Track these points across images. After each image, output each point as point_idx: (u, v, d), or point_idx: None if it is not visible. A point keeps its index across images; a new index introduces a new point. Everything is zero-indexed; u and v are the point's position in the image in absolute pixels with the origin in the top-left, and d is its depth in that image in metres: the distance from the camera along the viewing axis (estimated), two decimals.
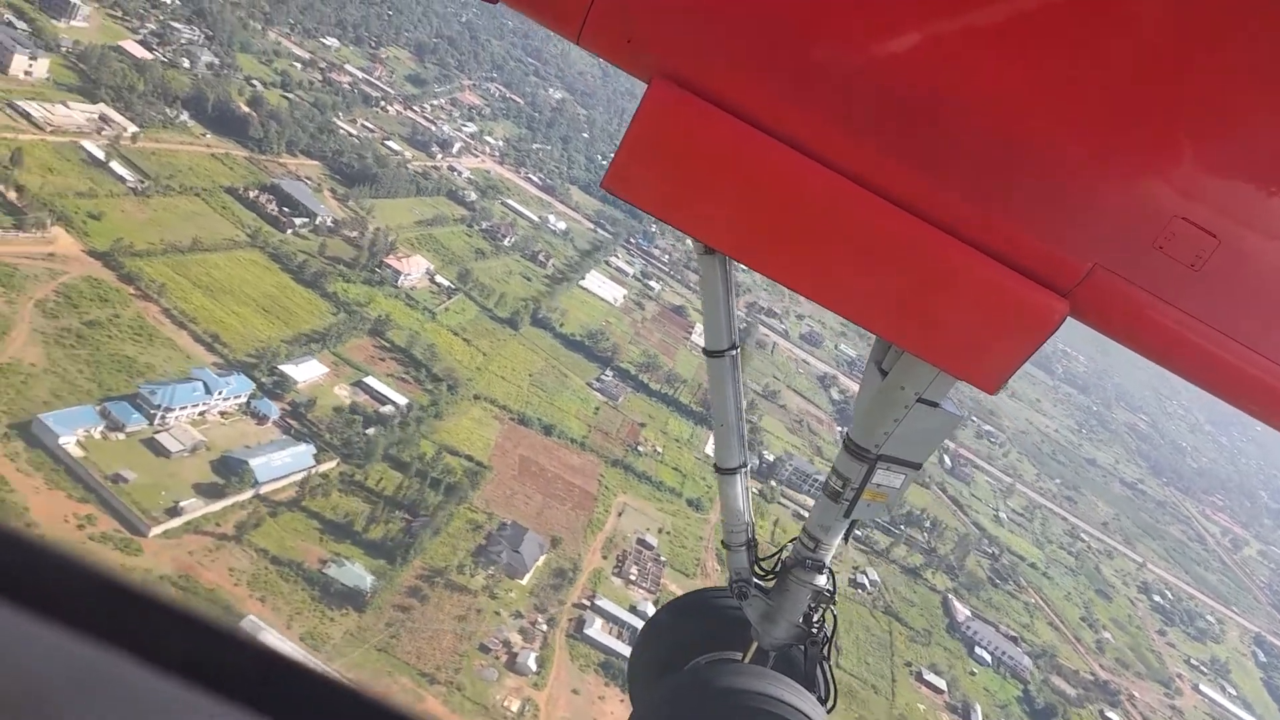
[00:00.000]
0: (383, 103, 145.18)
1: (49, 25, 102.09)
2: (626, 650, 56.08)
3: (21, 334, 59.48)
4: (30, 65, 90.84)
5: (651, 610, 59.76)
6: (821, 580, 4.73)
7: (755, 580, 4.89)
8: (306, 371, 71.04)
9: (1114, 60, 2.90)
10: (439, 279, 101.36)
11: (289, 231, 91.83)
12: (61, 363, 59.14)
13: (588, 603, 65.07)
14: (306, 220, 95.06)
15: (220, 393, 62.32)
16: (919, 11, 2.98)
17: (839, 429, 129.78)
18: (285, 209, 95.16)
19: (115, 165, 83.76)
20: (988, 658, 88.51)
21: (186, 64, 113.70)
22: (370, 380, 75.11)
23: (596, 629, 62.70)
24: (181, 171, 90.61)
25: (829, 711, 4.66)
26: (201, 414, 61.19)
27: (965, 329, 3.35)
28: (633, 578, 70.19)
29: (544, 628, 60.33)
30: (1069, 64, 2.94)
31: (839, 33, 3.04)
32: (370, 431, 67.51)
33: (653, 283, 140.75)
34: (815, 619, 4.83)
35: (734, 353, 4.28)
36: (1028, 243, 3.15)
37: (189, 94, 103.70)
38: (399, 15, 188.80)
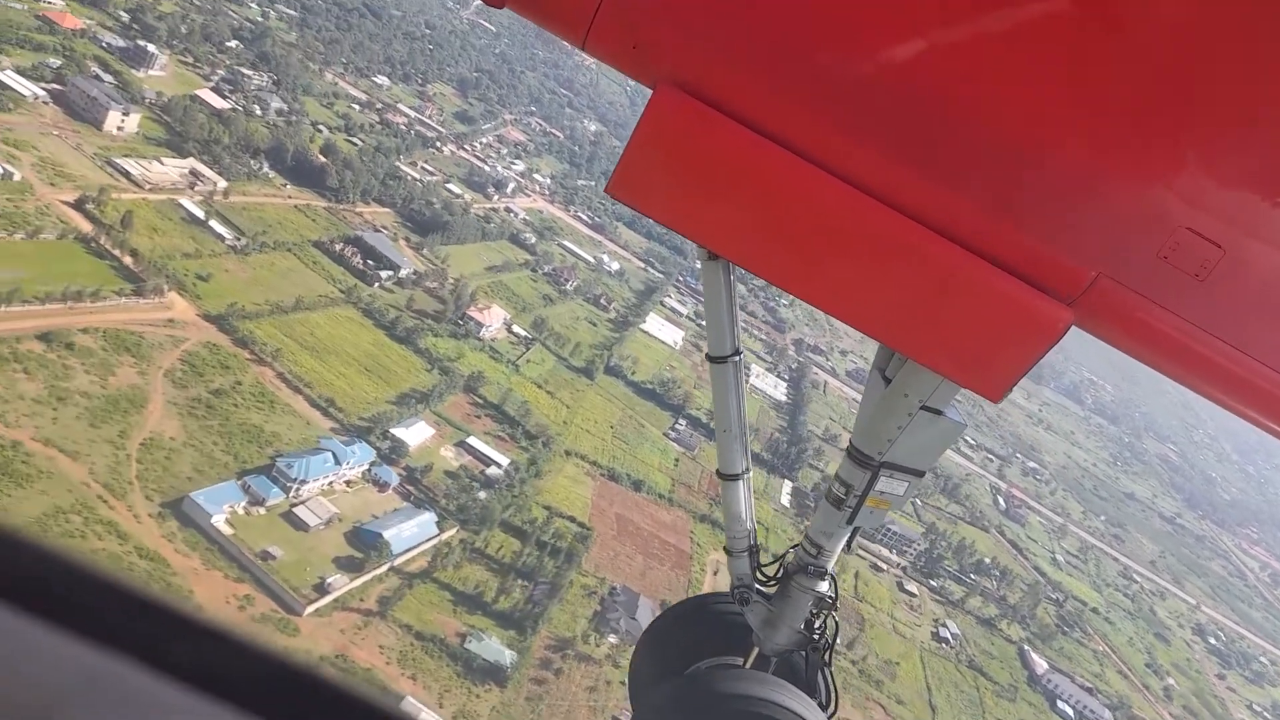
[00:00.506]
0: (437, 143, 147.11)
1: (132, 76, 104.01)
2: None
3: (157, 406, 60.55)
4: (123, 121, 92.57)
5: None
6: (824, 586, 4.68)
7: (757, 586, 4.85)
8: (416, 434, 72.03)
9: (1121, 71, 2.91)
10: (516, 328, 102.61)
11: (376, 285, 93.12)
12: (197, 435, 60.18)
13: None
14: (391, 273, 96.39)
15: (348, 463, 63.31)
16: (924, 21, 2.97)
17: None
18: (370, 261, 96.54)
19: (214, 223, 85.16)
20: (1070, 711, 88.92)
21: (259, 111, 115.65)
22: (473, 440, 76.08)
23: None
24: (272, 226, 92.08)
25: (830, 717, 4.64)
26: (330, 484, 62.17)
27: (969, 337, 3.35)
28: None
29: None
30: (1076, 74, 2.94)
31: (843, 40, 3.05)
32: (483, 496, 68.45)
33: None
34: (817, 625, 4.78)
35: (737, 359, 4.23)
36: (1033, 251, 3.16)
37: (268, 145, 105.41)
38: (440, 50, 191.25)
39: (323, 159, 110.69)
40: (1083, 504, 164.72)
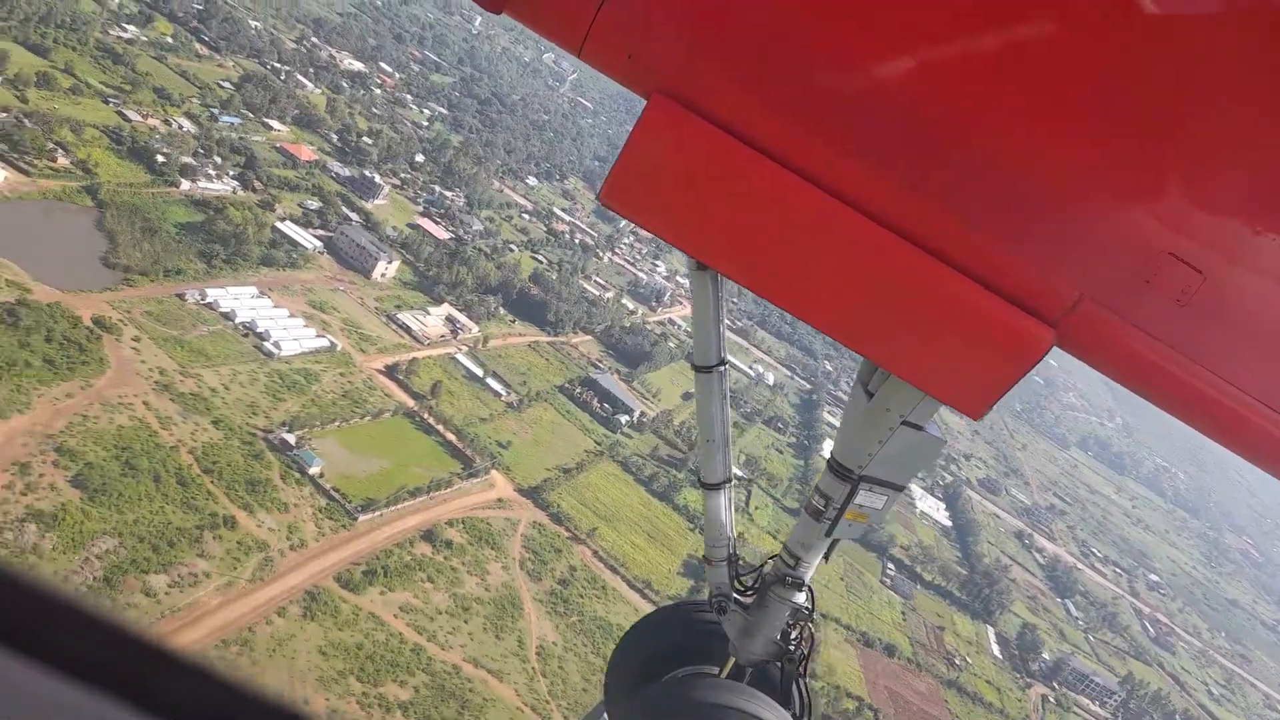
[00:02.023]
0: (598, 250, 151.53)
1: (367, 209, 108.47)
2: None
3: (529, 606, 63.72)
4: (386, 269, 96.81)
5: None
6: (801, 598, 4.70)
7: (735, 596, 4.87)
8: None
9: (1108, 93, 2.94)
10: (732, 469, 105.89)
11: (619, 432, 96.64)
12: (569, 636, 63.21)
13: None
14: (627, 416, 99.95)
15: None
16: (915, 42, 3.02)
17: (1059, 600, 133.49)
18: (605, 404, 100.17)
19: (490, 380, 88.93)
20: None
21: (464, 234, 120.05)
22: None
23: None
24: (524, 373, 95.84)
25: None
26: None
27: (952, 354, 3.38)
28: None
29: None
30: (1065, 97, 2.98)
31: (835, 56, 3.09)
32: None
33: None
34: (793, 636, 4.80)
35: (721, 369, 4.28)
36: (1017, 271, 3.19)
37: (497, 282, 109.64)
38: (560, 139, 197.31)
39: (537, 290, 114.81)
40: (1204, 619, 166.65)
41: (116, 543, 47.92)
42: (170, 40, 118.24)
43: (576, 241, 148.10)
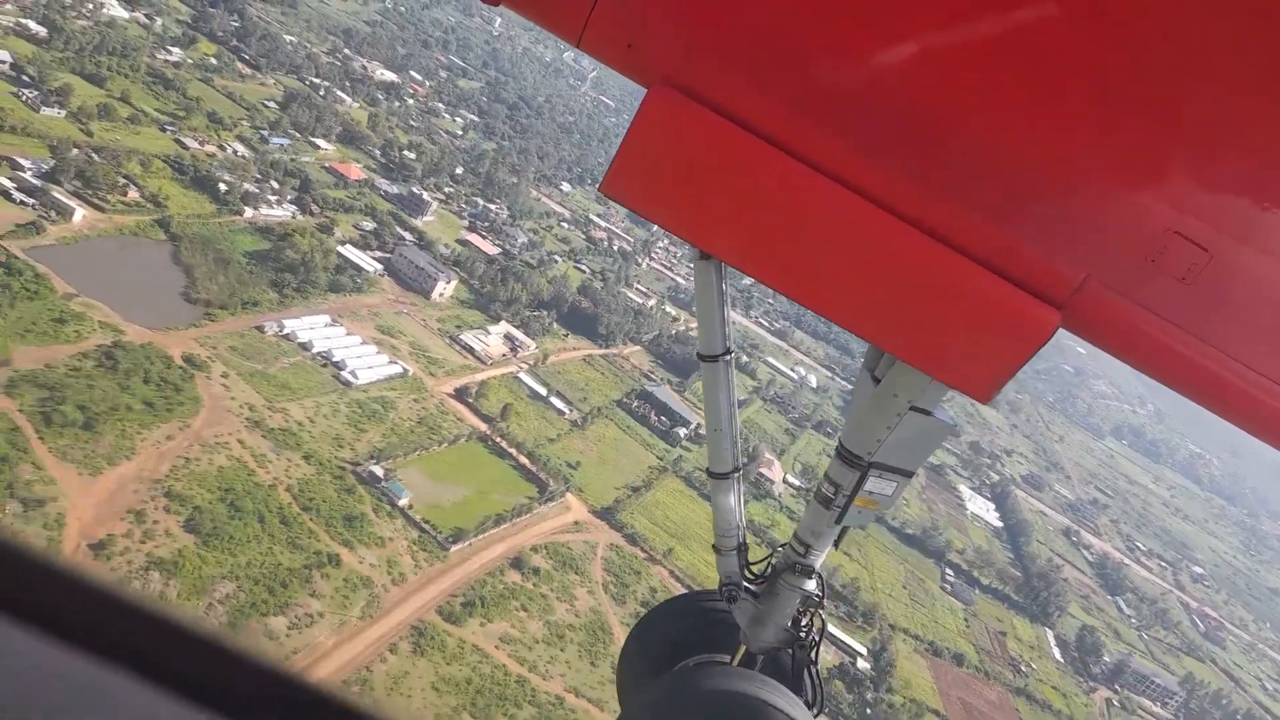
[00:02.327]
0: (636, 258, 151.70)
1: (418, 227, 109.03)
2: None
3: (618, 631, 64.30)
4: (444, 289, 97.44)
5: None
6: (811, 585, 4.71)
7: (745, 584, 4.88)
8: None
9: (1110, 74, 2.92)
10: (789, 478, 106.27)
11: (678, 445, 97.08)
12: None
13: None
14: (685, 429, 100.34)
15: None
16: (917, 24, 3.00)
17: (1110, 599, 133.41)
18: (663, 418, 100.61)
19: (554, 399, 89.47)
20: None
21: (511, 248, 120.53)
22: (832, 629, 79.41)
23: None
24: (582, 389, 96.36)
25: (815, 715, 4.69)
26: None
27: (958, 338, 3.37)
28: None
29: None
30: (1067, 78, 2.95)
31: (837, 42, 3.08)
32: (888, 704, 72.00)
33: None
34: (804, 623, 4.82)
35: (727, 358, 4.26)
36: (1022, 254, 3.18)
37: (549, 296, 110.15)
38: (588, 140, 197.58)
39: (586, 302, 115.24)
40: (1250, 610, 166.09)
41: (234, 586, 48.80)
42: (214, 61, 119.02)
43: (615, 249, 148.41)
